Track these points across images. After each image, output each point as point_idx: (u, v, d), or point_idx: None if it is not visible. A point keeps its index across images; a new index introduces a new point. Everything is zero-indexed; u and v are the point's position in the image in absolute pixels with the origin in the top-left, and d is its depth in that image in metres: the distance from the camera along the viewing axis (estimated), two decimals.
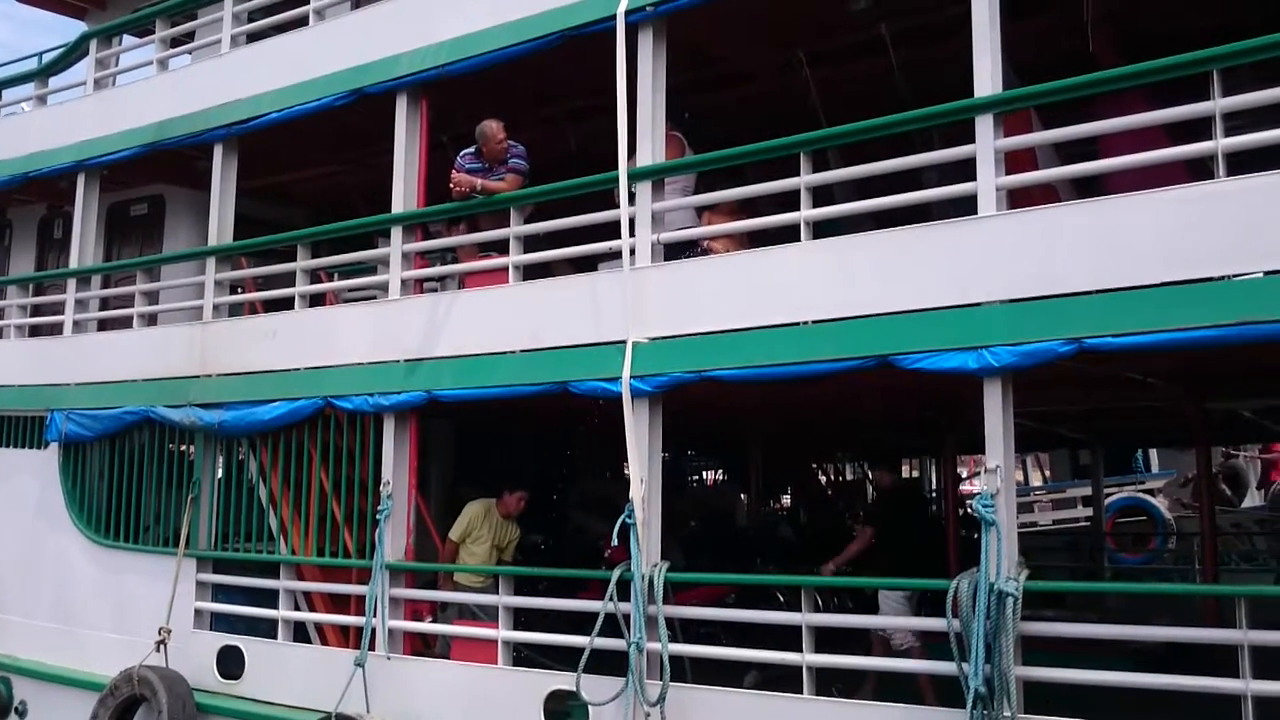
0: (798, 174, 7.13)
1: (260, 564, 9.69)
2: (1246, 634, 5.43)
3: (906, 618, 7.45)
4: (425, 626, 8.63)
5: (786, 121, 8.51)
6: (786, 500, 18.30)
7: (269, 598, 9.47)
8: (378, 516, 8.63)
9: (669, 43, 7.82)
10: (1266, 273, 5.52)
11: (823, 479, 18.55)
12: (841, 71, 9.02)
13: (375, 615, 8.45)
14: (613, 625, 7.26)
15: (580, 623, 7.68)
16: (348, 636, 9.01)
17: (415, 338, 8.70)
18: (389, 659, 8.40)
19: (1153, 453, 20.37)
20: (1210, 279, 5.67)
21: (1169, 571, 16.20)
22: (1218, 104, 5.70)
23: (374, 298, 9.55)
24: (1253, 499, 18.24)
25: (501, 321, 8.31)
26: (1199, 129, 5.85)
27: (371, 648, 8.44)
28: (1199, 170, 5.83)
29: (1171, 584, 13.26)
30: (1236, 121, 6.61)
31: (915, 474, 21.57)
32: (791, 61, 8.84)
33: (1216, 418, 11.35)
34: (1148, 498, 18.13)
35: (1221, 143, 5.67)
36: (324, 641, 9.23)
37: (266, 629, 9.49)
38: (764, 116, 9.47)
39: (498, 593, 8.13)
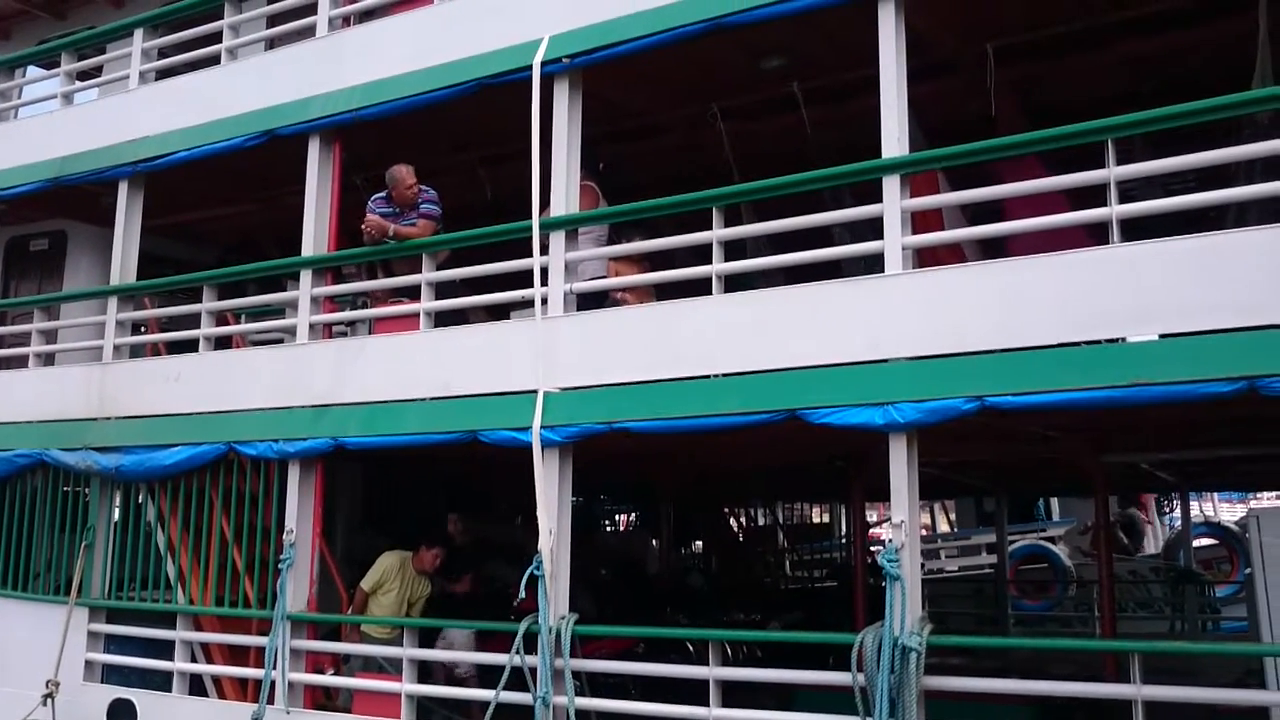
0: (710, 227, 7.20)
1: (156, 613, 9.38)
2: (1140, 689, 5.56)
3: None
4: (326, 679, 8.43)
5: (701, 175, 8.63)
6: (699, 547, 18.31)
7: (164, 649, 9.17)
8: (280, 566, 8.43)
9: (585, 94, 7.88)
10: (1161, 335, 5.72)
11: (735, 525, 18.60)
12: (755, 127, 9.16)
13: (275, 667, 8.23)
14: (521, 678, 7.17)
15: (487, 676, 7.57)
16: (246, 689, 8.75)
17: (323, 383, 8.58)
18: (288, 713, 8.18)
19: (1054, 501, 20.83)
20: (1106, 341, 5.88)
21: (1069, 618, 16.53)
22: (1111, 172, 5.91)
23: (281, 341, 9.39)
24: (1150, 548, 18.72)
25: (412, 368, 8.23)
26: (1102, 194, 6.05)
27: (270, 701, 8.22)
28: (1102, 235, 6.02)
29: (1071, 639, 13.53)
30: (1131, 187, 6.89)
31: (826, 519, 21.84)
32: (706, 116, 8.95)
33: (1114, 469, 11.65)
34: (1049, 545, 18.51)
35: (1115, 209, 5.87)
36: (221, 694, 8.96)
37: (161, 681, 9.18)
38: (678, 169, 9.59)
39: (404, 643, 7.98)
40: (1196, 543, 16.57)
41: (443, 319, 8.40)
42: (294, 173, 9.18)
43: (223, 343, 9.76)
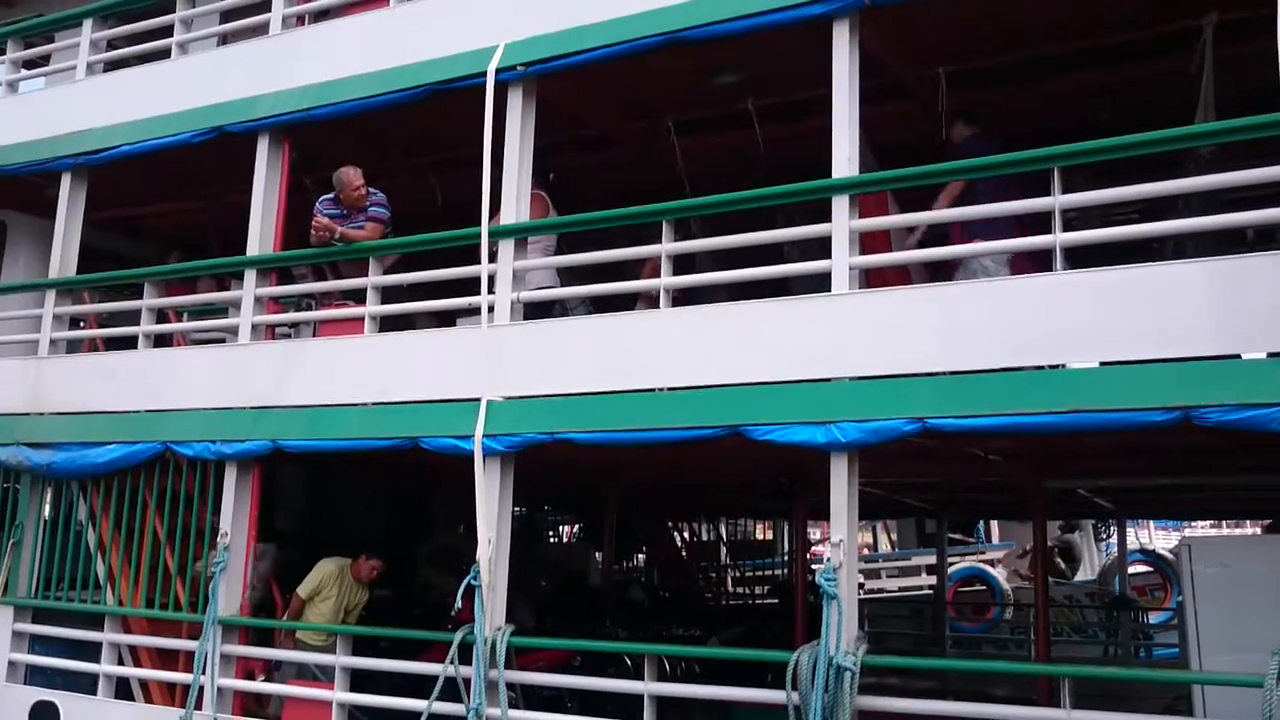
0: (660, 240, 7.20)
1: (84, 614, 9.17)
2: (1070, 713, 5.60)
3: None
4: (256, 686, 8.29)
5: (653, 188, 8.62)
6: (642, 560, 18.28)
7: (92, 650, 8.97)
8: (213, 569, 8.28)
9: (538, 103, 7.86)
10: (1102, 363, 5.79)
11: (678, 540, 18.60)
12: (708, 142, 9.17)
13: (204, 672, 8.07)
14: (455, 689, 7.10)
15: (422, 685, 7.48)
16: (174, 694, 8.58)
17: (264, 385, 8.45)
18: (215, 719, 8.02)
19: (994, 524, 21.06)
20: (1047, 367, 5.95)
21: (1006, 641, 16.69)
22: (1057, 200, 5.98)
23: (223, 341, 9.24)
24: (1086, 573, 18.97)
25: (355, 372, 8.13)
26: (1049, 222, 6.11)
27: (199, 707, 8.06)
28: (1047, 262, 6.09)
29: (1005, 662, 13.66)
30: (1075, 216, 6.99)
31: (770, 535, 21.90)
32: (660, 129, 8.96)
33: (1053, 495, 11.78)
34: (987, 568, 18.71)
35: (1060, 237, 5.94)
36: (148, 699, 8.77)
37: (87, 684, 8.97)
38: (631, 182, 9.57)
39: (337, 650, 7.87)
40: (1132, 569, 16.82)
41: (388, 324, 8.32)
42: (242, 171, 9.06)
43: (163, 341, 9.60)
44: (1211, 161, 6.42)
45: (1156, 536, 22.35)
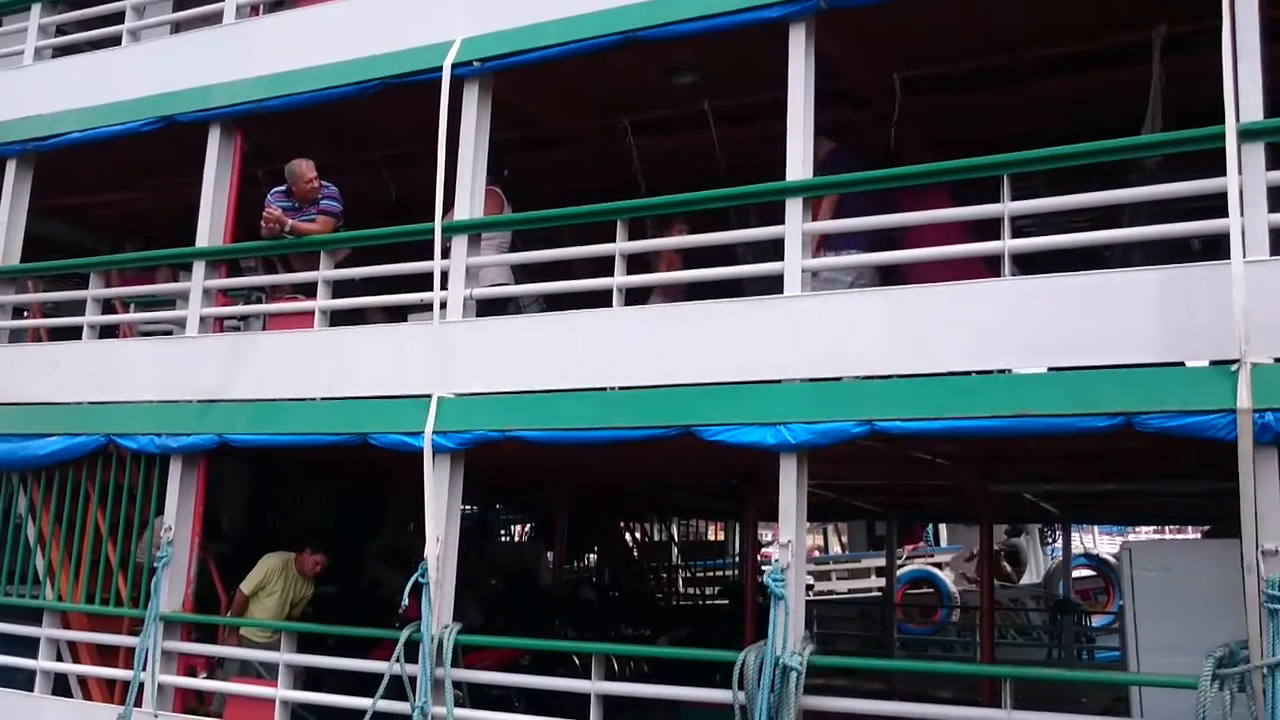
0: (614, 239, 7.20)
1: (22, 609, 8.99)
2: (1010, 714, 5.66)
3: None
4: (198, 683, 8.18)
5: (609, 187, 8.61)
6: (593, 560, 18.26)
7: (29, 646, 8.80)
8: (155, 564, 8.17)
9: (494, 100, 7.82)
10: (1050, 368, 5.87)
11: (630, 540, 18.60)
12: (665, 142, 9.19)
13: (145, 669, 7.95)
14: (402, 687, 7.05)
15: (369, 683, 7.42)
16: (114, 691, 8.44)
17: (211, 378, 8.34)
18: (155, 716, 7.90)
19: (942, 527, 21.27)
20: (995, 371, 6.01)
21: (952, 643, 16.86)
22: (1006, 206, 6.04)
23: (170, 333, 9.12)
24: (1031, 576, 19.20)
25: (304, 367, 8.06)
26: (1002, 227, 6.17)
27: (139, 704, 7.94)
28: (1000, 267, 6.15)
29: (950, 663, 13.81)
30: (1029, 224, 7.07)
31: (722, 536, 21.97)
32: (616, 129, 8.95)
33: (1000, 498, 11.93)
34: (935, 571, 18.90)
35: (1008, 243, 6.00)
36: (87, 695, 8.62)
37: (24, 680, 8.80)
38: (586, 181, 9.56)
39: (282, 647, 7.78)
40: (1076, 573, 17.04)
41: (339, 318, 8.25)
42: (193, 161, 8.93)
43: (109, 332, 9.45)
44: (1158, 172, 6.53)
45: (1101, 541, 22.71)
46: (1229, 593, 5.25)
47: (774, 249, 6.72)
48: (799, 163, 6.60)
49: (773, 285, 6.65)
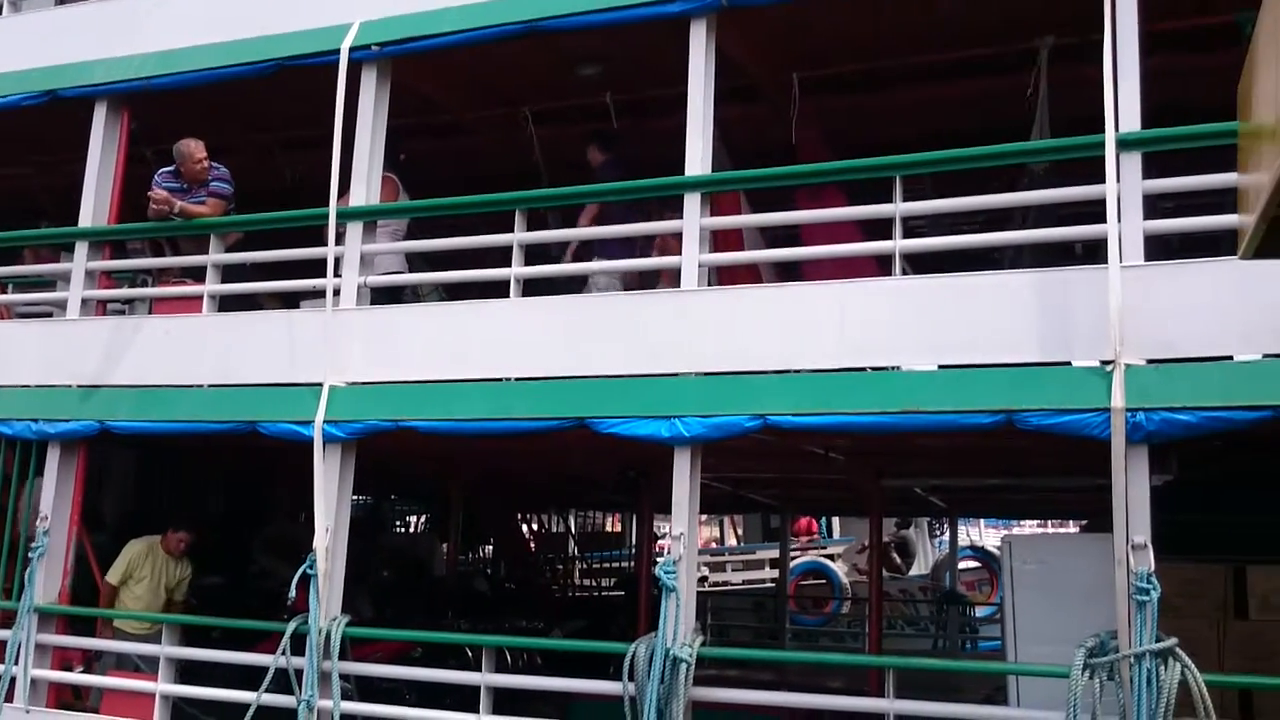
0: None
1: None
2: (893, 703, 5.80)
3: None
4: (73, 677, 7.92)
5: (509, 175, 8.56)
6: (489, 551, 18.16)
7: None
8: (30, 554, 7.89)
9: (394, 85, 7.71)
10: (940, 366, 6.00)
11: (527, 531, 18.54)
12: (567, 133, 9.15)
13: (17, 663, 7.68)
14: (288, 681, 6.92)
15: (255, 677, 7.27)
16: None
17: (92, 363, 8.07)
18: (27, 712, 7.64)
19: (835, 520, 21.63)
20: (884, 368, 6.14)
21: (843, 633, 17.18)
22: (897, 207, 6.17)
23: (50, 315, 8.80)
24: (920, 568, 19.66)
25: (191, 353, 7.84)
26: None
27: (9, 699, 7.67)
28: (892, 267, 6.28)
29: (839, 654, 14.10)
30: (921, 224, 7.23)
31: (619, 528, 22.01)
32: (518, 118, 8.90)
33: (890, 492, 12.16)
34: (828, 563, 19.22)
35: (899, 243, 6.13)
36: None
37: None
38: (487, 169, 9.49)
39: (163, 639, 7.59)
40: (962, 565, 17.50)
41: (229, 304, 8.05)
42: (78, 138, 8.63)
43: None
44: (1045, 178, 6.73)
45: (987, 534, 23.33)
46: (1102, 585, 5.43)
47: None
48: (697, 159, 6.64)
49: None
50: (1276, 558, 6.78)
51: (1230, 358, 5.36)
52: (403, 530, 18.88)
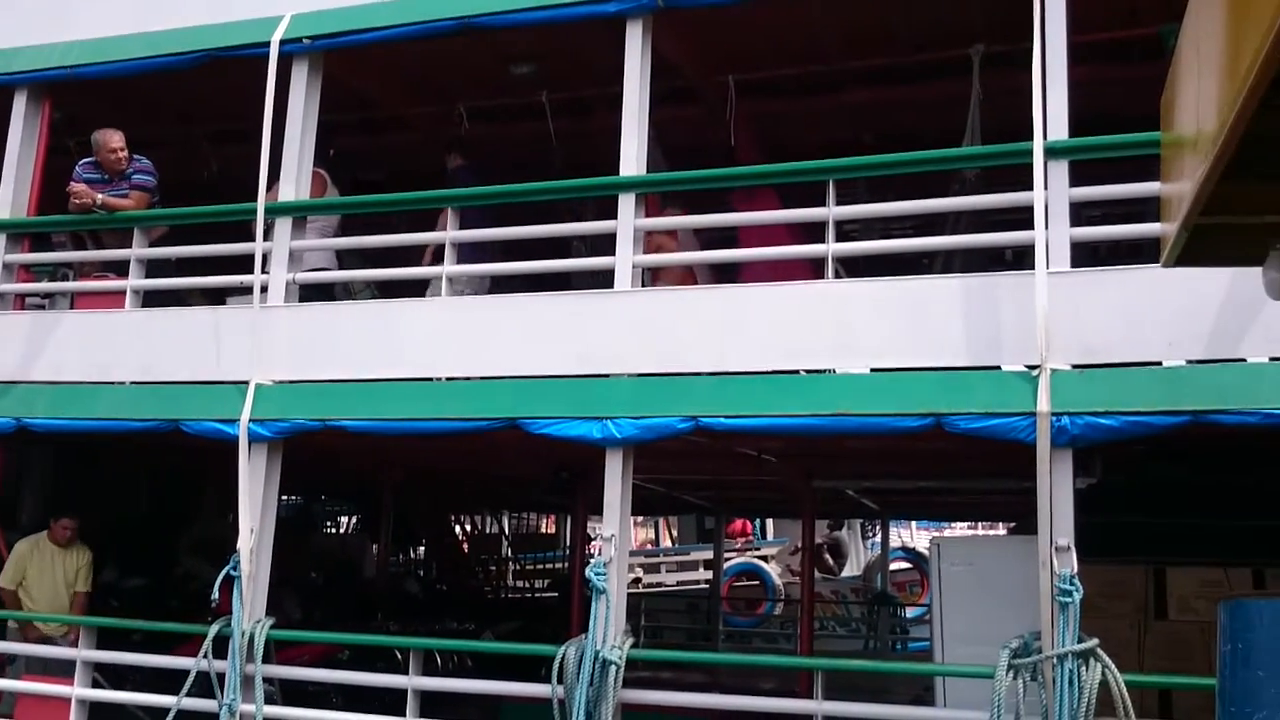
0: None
1: None
2: (820, 704, 5.82)
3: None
4: None
5: (442, 172, 8.46)
6: (421, 553, 17.98)
7: None
8: None
9: (326, 79, 7.60)
10: (872, 369, 6.04)
11: (460, 533, 18.39)
12: (501, 131, 9.09)
13: None
14: (210, 684, 6.78)
15: (177, 680, 7.11)
16: None
17: (10, 358, 7.84)
18: None
19: (769, 521, 21.74)
20: (816, 371, 6.17)
21: (775, 634, 17.25)
22: (830, 211, 6.20)
23: None
24: (852, 569, 19.81)
25: (112, 349, 7.66)
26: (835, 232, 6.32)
27: None
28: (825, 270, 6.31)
29: (770, 655, 14.17)
30: (855, 228, 7.27)
31: (554, 529, 21.91)
32: (452, 115, 8.82)
33: (823, 494, 12.24)
34: (761, 564, 19.31)
35: (831, 247, 6.16)
36: None
37: None
38: (420, 166, 9.38)
39: (78, 640, 7.40)
40: (894, 566, 17.66)
41: (153, 299, 7.87)
42: None
43: None
44: (977, 183, 6.81)
45: (919, 536, 23.59)
46: (1028, 586, 5.50)
47: (609, 244, 6.72)
48: (632, 160, 6.61)
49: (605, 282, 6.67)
50: (1196, 559, 6.92)
51: (1157, 363, 5.46)
52: (333, 531, 18.63)
